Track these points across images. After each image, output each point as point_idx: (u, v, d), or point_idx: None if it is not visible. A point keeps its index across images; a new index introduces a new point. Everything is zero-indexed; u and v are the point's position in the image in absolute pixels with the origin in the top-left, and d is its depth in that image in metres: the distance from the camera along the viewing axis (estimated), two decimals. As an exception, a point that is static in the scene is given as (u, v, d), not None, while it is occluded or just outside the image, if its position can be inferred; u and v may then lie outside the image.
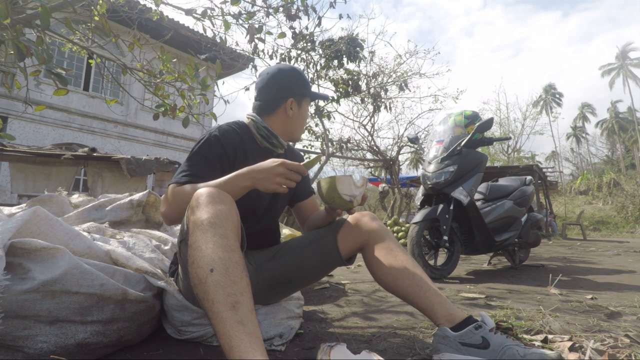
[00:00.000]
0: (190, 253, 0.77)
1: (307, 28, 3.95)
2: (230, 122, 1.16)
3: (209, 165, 1.02)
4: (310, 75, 5.20)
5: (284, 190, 0.91)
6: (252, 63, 4.64)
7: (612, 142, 36.83)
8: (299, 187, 1.27)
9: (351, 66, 6.04)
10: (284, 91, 1.15)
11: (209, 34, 2.64)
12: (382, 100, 6.73)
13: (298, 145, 7.16)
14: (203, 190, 0.84)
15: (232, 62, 4.52)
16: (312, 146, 7.70)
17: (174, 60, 2.45)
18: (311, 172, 6.22)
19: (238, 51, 4.81)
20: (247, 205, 1.08)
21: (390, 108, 7.17)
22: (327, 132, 6.79)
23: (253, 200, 1.08)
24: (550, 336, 1.07)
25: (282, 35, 3.06)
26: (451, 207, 2.37)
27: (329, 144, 6.67)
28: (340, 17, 4.15)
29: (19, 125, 7.83)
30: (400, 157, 8.82)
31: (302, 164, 0.94)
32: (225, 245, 0.74)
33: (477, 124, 2.39)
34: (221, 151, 1.05)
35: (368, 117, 7.77)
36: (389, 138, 16.56)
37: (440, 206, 2.38)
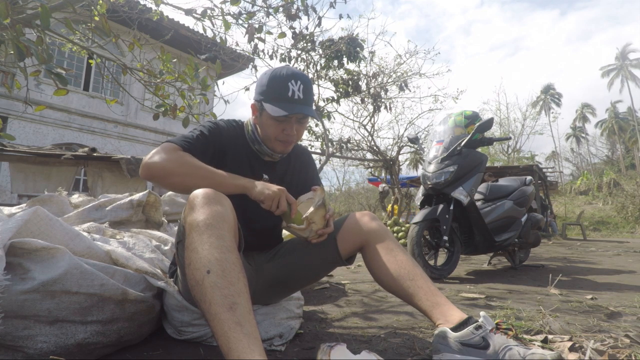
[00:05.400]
0: (187, 255, 0.77)
1: (307, 28, 3.94)
2: (230, 120, 1.16)
3: (204, 146, 1.03)
4: (311, 75, 5.19)
5: (266, 207, 0.94)
6: (252, 63, 4.64)
7: (612, 143, 36.81)
8: (301, 189, 1.26)
9: (351, 66, 6.04)
10: (255, 93, 1.10)
11: (209, 34, 2.64)
12: (382, 100, 6.73)
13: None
14: (199, 191, 0.84)
15: (232, 62, 4.53)
16: (312, 146, 7.70)
17: (174, 60, 2.45)
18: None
19: (238, 51, 4.80)
20: (248, 207, 1.08)
21: (390, 108, 7.17)
22: (327, 132, 6.79)
23: (254, 202, 1.08)
24: (550, 336, 1.07)
25: (282, 35, 3.06)
26: (451, 207, 2.37)
27: (329, 144, 6.67)
28: (340, 17, 4.15)
29: (19, 125, 7.83)
30: (400, 157, 8.80)
31: (298, 206, 0.97)
32: (221, 247, 0.74)
33: (477, 124, 2.39)
34: (217, 140, 1.07)
35: (368, 117, 7.76)
36: (389, 138, 16.54)
37: (440, 206, 2.38)
